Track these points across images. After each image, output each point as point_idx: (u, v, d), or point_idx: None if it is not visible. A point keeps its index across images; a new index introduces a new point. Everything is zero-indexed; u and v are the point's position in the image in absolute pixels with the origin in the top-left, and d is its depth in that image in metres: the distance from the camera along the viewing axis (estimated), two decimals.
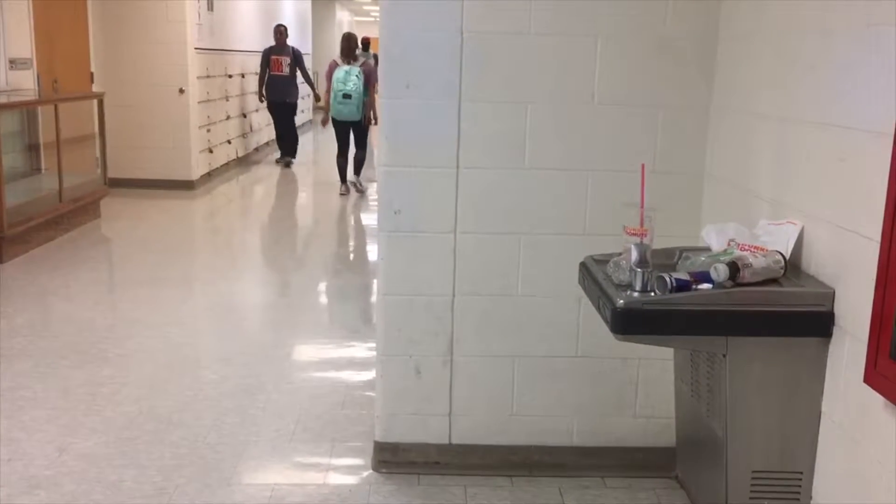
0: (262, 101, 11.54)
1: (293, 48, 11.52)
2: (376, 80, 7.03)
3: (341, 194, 9.22)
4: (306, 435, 3.44)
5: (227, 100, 10.82)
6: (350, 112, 8.63)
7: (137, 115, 8.97)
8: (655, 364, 2.98)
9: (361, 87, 8.52)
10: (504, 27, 2.82)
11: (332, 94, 8.75)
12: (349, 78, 8.59)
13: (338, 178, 9.33)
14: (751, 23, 2.63)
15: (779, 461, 2.25)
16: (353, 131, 8.95)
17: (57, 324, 4.87)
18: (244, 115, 11.75)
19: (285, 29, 11.41)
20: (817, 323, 2.11)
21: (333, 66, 8.87)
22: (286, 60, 11.28)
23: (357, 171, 9.32)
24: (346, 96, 8.58)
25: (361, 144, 9.16)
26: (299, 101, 12.18)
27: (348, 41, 8.91)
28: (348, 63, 8.70)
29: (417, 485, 3.04)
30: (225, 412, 3.62)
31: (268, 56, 11.29)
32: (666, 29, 2.82)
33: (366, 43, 12.25)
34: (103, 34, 8.88)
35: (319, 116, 19.78)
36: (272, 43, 11.42)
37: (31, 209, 6.43)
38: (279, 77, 11.28)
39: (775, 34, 2.47)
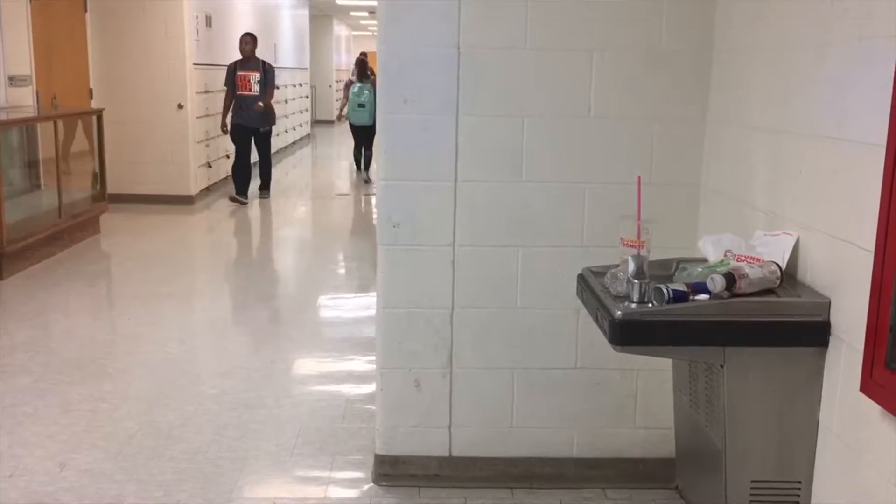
0: (224, 132, 9.57)
1: (264, 62, 9.62)
2: None
3: (364, 181, 11.82)
4: (307, 449, 3.44)
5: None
6: (363, 118, 11.37)
7: (136, 131, 9.01)
8: (654, 375, 2.99)
9: (372, 99, 10.86)
10: (500, 42, 2.85)
11: (349, 105, 11.64)
12: (362, 92, 11.37)
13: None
14: (745, 37, 2.66)
15: (777, 470, 2.26)
16: (366, 133, 11.39)
17: (57, 340, 4.87)
18: None
19: (253, 39, 9.58)
20: (813, 333, 2.13)
21: (349, 84, 11.95)
22: (255, 77, 9.39)
23: (367, 168, 11.86)
24: (361, 105, 11.39)
25: (370, 146, 11.24)
26: (274, 127, 10.28)
27: (362, 64, 11.70)
28: (361, 81, 11.53)
29: (418, 497, 3.04)
30: (225, 426, 3.63)
31: (233, 72, 9.42)
32: (661, 43, 2.85)
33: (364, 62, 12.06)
34: (102, 50, 8.92)
35: (317, 130, 20.02)
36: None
37: (30, 225, 6.44)
38: (249, 98, 9.37)
39: (769, 48, 2.50)
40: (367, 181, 11.51)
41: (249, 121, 9.44)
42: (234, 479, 3.17)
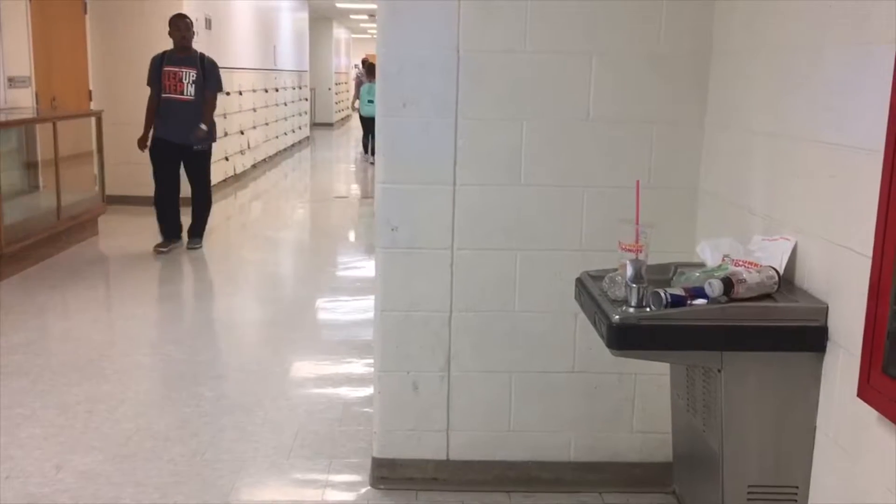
0: (142, 147, 6.92)
1: (203, 56, 6.98)
2: None
3: (370, 163, 13.66)
4: (304, 451, 3.44)
5: (225, 117, 10.84)
6: (371, 111, 13.02)
7: (136, 133, 8.94)
8: (652, 379, 3.00)
9: None
10: (500, 45, 2.85)
11: (360, 100, 14.50)
12: (372, 89, 13.17)
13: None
14: (743, 40, 2.67)
15: (774, 475, 2.26)
16: (374, 124, 14.06)
17: (54, 341, 4.87)
18: (241, 133, 11.79)
19: (190, 24, 6.95)
20: (811, 338, 2.13)
21: (360, 83, 15.70)
22: (190, 75, 6.78)
23: (374, 153, 13.82)
24: (370, 101, 13.42)
25: None
26: (213, 145, 7.23)
27: (373, 66, 13.16)
28: (370, 81, 13.88)
29: (415, 501, 3.04)
30: (222, 429, 3.62)
31: (158, 67, 6.81)
32: (659, 46, 2.85)
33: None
34: (102, 52, 8.92)
35: (317, 132, 20.05)
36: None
37: (28, 227, 6.44)
38: (178, 104, 6.74)
39: (767, 52, 2.50)
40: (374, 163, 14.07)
41: (177, 134, 6.75)
42: (232, 481, 3.17)
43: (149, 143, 6.87)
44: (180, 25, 6.89)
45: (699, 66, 2.87)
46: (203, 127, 6.83)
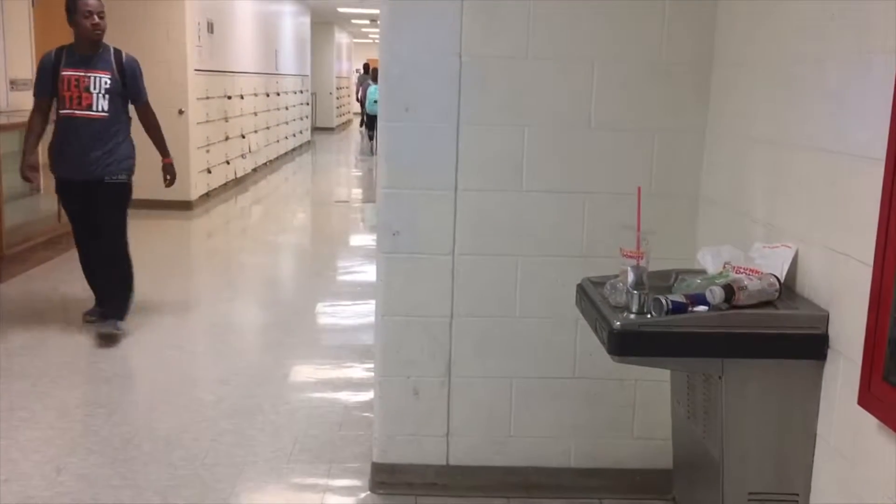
0: (30, 181, 5.11)
1: (120, 53, 4.97)
2: None
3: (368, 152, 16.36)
4: (304, 456, 3.44)
5: (227, 120, 10.88)
6: (377, 109, 15.78)
7: (136, 136, 8.98)
8: (652, 385, 3.00)
9: None
10: (502, 51, 2.86)
11: (367, 100, 16.91)
12: (377, 91, 15.35)
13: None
14: (745, 49, 2.67)
15: (775, 483, 2.26)
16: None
17: (54, 344, 4.86)
18: (243, 136, 11.80)
19: (101, 12, 4.88)
20: (812, 345, 2.13)
21: (367, 86, 17.57)
22: (102, 81, 4.72)
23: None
24: (375, 101, 15.66)
25: None
26: (134, 176, 5.09)
27: (375, 70, 15.02)
28: (375, 82, 14.23)
29: None
30: (223, 433, 3.62)
31: (52, 69, 4.74)
32: (661, 54, 2.86)
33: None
34: None
35: (318, 137, 20.09)
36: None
37: (29, 229, 6.44)
38: (84, 122, 4.63)
39: (768, 61, 2.51)
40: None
41: (83, 169, 4.65)
42: (232, 485, 3.17)
43: (41, 179, 4.75)
44: (92, 7, 4.70)
45: (701, 75, 2.88)
46: (170, 161, 5.13)
